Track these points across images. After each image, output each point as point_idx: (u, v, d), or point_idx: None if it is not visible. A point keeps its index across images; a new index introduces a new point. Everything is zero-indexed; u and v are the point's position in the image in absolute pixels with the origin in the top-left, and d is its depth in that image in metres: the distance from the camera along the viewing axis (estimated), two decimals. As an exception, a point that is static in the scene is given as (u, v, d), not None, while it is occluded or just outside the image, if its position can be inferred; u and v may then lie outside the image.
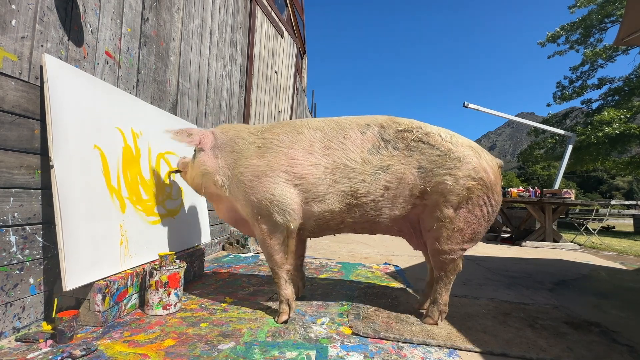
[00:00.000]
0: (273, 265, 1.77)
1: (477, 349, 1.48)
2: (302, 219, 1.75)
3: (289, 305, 1.75)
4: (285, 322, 1.71)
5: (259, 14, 4.67)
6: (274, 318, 1.74)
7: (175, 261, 1.87)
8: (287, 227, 1.70)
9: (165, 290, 1.75)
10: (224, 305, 1.92)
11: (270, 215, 1.68)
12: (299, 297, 2.10)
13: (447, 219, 1.62)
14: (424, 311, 1.83)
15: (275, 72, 5.57)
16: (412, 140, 1.66)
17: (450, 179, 1.60)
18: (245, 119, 4.35)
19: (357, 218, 1.75)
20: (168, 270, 1.78)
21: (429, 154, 1.64)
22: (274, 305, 1.94)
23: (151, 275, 1.75)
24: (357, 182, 1.66)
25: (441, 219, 1.63)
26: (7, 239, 1.37)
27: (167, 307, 1.75)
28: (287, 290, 1.76)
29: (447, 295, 1.75)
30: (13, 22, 1.38)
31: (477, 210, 1.63)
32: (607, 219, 9.97)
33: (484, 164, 1.64)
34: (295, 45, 6.66)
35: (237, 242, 3.61)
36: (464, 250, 1.70)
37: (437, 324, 1.73)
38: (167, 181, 2.30)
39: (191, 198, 2.59)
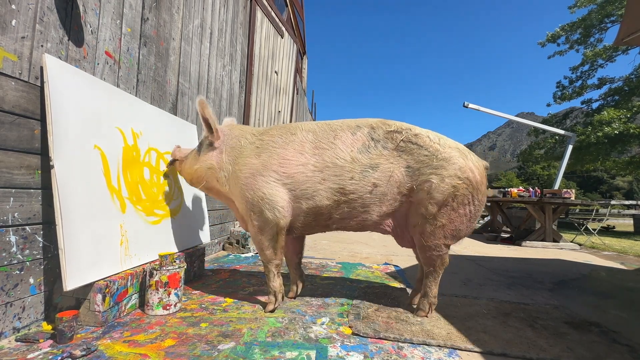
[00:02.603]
0: (263, 259, 1.88)
1: (477, 349, 1.48)
2: (292, 216, 1.84)
3: (276, 297, 1.87)
4: (272, 311, 1.82)
5: (259, 14, 4.67)
6: (264, 308, 1.83)
7: (175, 261, 1.87)
8: (276, 223, 1.78)
9: (165, 290, 1.75)
10: (224, 305, 1.92)
11: (262, 212, 1.78)
12: (299, 296, 2.10)
13: (430, 215, 1.69)
14: (416, 305, 1.91)
15: (275, 72, 5.57)
16: (401, 141, 1.75)
17: (435, 178, 1.67)
18: (245, 119, 4.35)
19: (345, 214, 1.83)
20: (168, 270, 1.78)
21: (417, 154, 1.72)
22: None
23: (151, 275, 1.76)
24: (346, 179, 1.74)
25: (425, 216, 1.71)
26: (7, 239, 1.37)
27: (167, 307, 1.75)
28: (275, 282, 1.87)
29: (436, 289, 1.83)
30: (13, 22, 1.38)
31: (460, 208, 1.70)
32: (607, 219, 9.97)
33: (471, 165, 1.72)
34: (295, 45, 6.66)
35: (237, 242, 3.61)
36: (448, 246, 1.77)
37: (427, 316, 1.80)
38: (165, 181, 2.30)
39: (191, 198, 2.60)
